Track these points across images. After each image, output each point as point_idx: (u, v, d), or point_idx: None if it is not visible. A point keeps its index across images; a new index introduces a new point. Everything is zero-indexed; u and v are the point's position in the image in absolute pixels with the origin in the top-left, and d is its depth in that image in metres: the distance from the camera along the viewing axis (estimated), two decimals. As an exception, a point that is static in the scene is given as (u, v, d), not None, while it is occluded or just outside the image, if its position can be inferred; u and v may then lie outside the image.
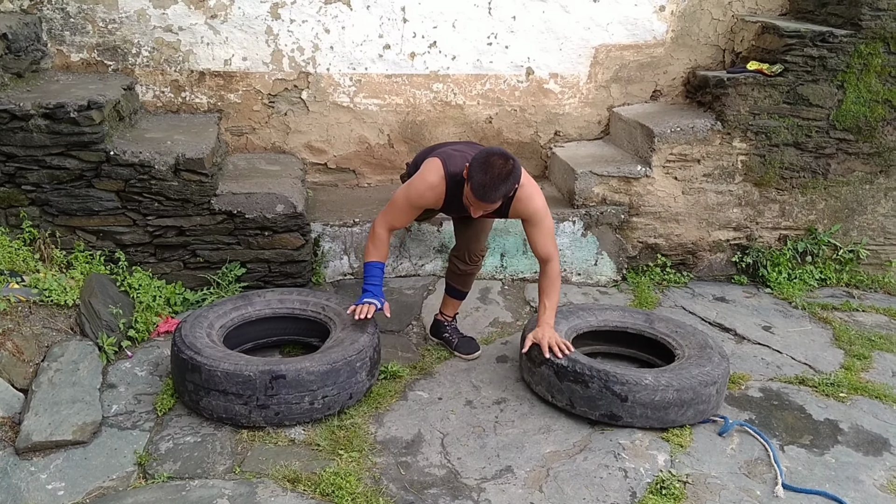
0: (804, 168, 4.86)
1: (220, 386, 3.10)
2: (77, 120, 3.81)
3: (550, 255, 3.50)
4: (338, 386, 3.22)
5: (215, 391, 3.11)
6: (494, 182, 3.16)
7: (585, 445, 3.18)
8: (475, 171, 3.19)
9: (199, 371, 3.11)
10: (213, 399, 3.13)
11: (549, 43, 5.08)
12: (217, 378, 3.09)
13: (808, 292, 4.90)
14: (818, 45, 4.64)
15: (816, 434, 3.39)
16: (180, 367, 3.21)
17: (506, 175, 3.17)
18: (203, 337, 3.33)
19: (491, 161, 3.18)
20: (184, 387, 3.22)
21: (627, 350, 3.92)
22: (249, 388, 3.09)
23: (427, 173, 3.44)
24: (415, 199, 3.47)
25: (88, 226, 4.03)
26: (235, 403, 3.12)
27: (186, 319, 3.47)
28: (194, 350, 3.19)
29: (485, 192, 3.17)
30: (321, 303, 3.78)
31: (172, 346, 3.29)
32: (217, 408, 3.14)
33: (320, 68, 4.89)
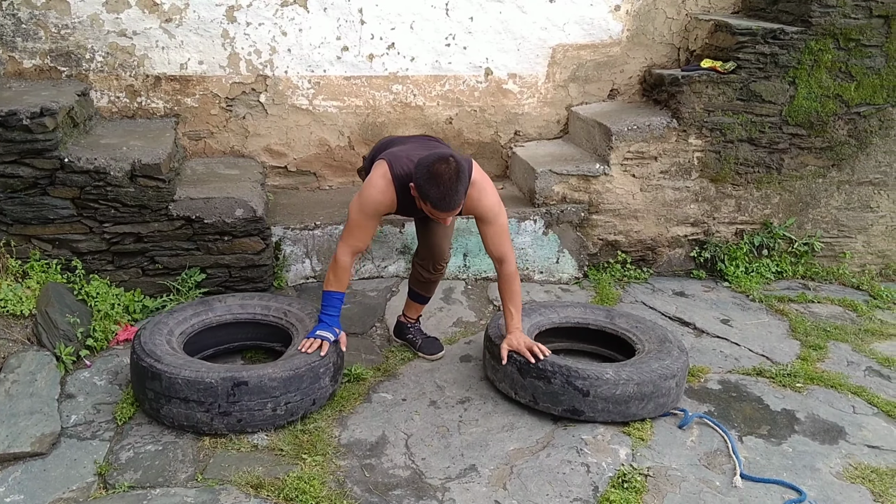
0: (759, 163, 4.95)
1: (181, 394, 3.06)
2: (30, 127, 3.75)
3: (504, 255, 3.42)
4: (301, 392, 3.20)
5: (176, 399, 3.08)
6: (450, 189, 3.06)
7: (548, 442, 3.21)
8: (426, 188, 3.08)
9: (160, 379, 3.07)
10: (174, 407, 3.10)
11: (507, 43, 5.11)
12: (178, 386, 3.05)
13: (765, 285, 5.00)
14: (770, 42, 4.73)
15: (774, 424, 3.45)
16: (140, 375, 3.17)
17: (456, 176, 3.07)
18: (163, 344, 3.29)
19: (436, 170, 3.06)
20: (144, 395, 3.18)
21: (589, 346, 3.97)
22: (211, 395, 3.06)
23: (375, 179, 3.32)
24: (370, 208, 3.32)
25: (44, 234, 3.97)
26: (197, 411, 3.09)
27: (146, 326, 3.42)
28: (154, 357, 3.15)
29: (446, 202, 3.08)
30: (283, 308, 3.76)
31: (132, 354, 3.24)
32: (178, 416, 3.11)
33: (278, 71, 4.87)
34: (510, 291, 3.46)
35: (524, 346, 3.35)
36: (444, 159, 3.09)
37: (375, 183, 3.31)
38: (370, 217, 3.35)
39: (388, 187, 3.29)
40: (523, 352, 3.34)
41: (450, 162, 3.08)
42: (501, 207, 3.42)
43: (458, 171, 3.09)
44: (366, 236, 3.41)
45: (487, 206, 3.35)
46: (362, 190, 3.35)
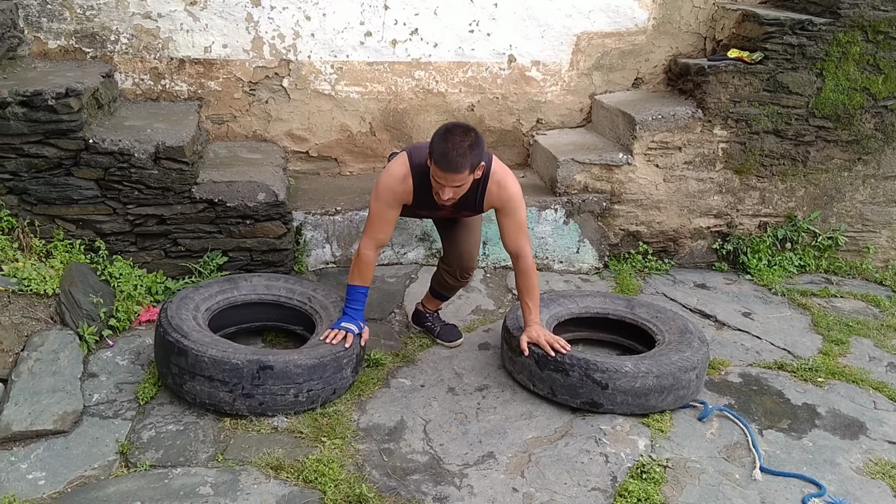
0: (784, 155, 4.90)
1: (206, 372, 3.08)
2: (55, 108, 3.77)
3: (521, 249, 3.40)
4: (323, 381, 3.21)
5: (201, 377, 3.09)
6: (457, 148, 2.98)
7: (567, 431, 3.21)
8: (435, 142, 3.04)
9: (186, 355, 3.09)
10: (197, 384, 3.11)
11: (531, 30, 5.08)
12: (204, 364, 3.07)
13: (788, 279, 4.96)
14: (797, 34, 4.68)
15: (794, 418, 3.43)
16: (165, 350, 3.18)
17: (467, 140, 3.00)
18: (189, 319, 3.31)
19: (451, 129, 3.04)
20: (168, 369, 3.20)
21: (609, 336, 3.95)
22: (236, 376, 3.07)
23: (392, 166, 3.34)
24: (387, 196, 3.30)
25: (68, 215, 4.00)
26: (220, 390, 3.10)
27: (172, 300, 3.44)
28: (181, 333, 3.17)
29: (448, 160, 2.99)
30: (307, 293, 3.77)
31: (157, 327, 3.26)
32: (201, 393, 3.13)
33: (301, 55, 4.86)
34: (527, 286, 3.44)
35: (543, 339, 3.34)
36: (466, 128, 3.06)
37: (392, 170, 3.32)
38: (388, 206, 3.33)
39: (406, 175, 3.28)
40: (542, 345, 3.33)
41: (469, 132, 3.05)
42: (521, 201, 3.39)
43: (474, 139, 3.03)
44: (386, 227, 3.39)
45: (508, 195, 3.33)
46: (379, 178, 3.36)
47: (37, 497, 2.69)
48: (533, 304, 3.44)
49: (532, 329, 3.40)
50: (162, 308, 3.36)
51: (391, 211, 3.36)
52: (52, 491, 2.72)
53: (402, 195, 3.33)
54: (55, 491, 2.72)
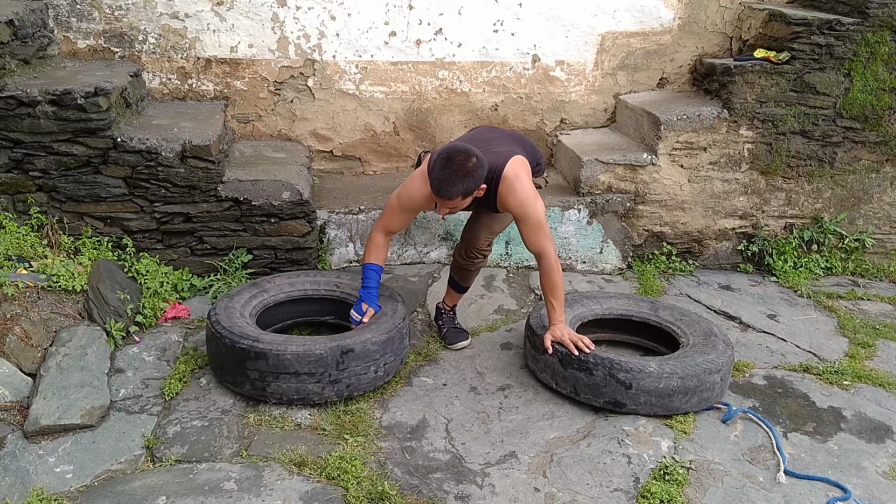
0: (811, 156, 4.86)
1: (290, 368, 3.14)
2: (84, 106, 3.82)
3: (541, 249, 3.39)
4: (394, 353, 3.38)
5: (286, 374, 3.15)
6: (449, 177, 3.12)
7: (589, 432, 3.20)
8: (434, 167, 3.17)
9: (265, 357, 3.13)
10: (283, 383, 3.17)
11: (556, 30, 5.07)
12: (287, 361, 3.13)
13: (814, 281, 4.91)
14: (825, 33, 4.63)
15: (820, 421, 3.40)
16: (238, 358, 3.18)
17: (464, 172, 3.11)
18: (246, 325, 3.34)
19: (447, 155, 3.14)
20: (243, 377, 3.21)
21: (632, 338, 3.94)
22: (322, 365, 3.16)
23: (416, 174, 3.45)
24: (405, 202, 3.47)
25: (96, 212, 4.05)
26: (308, 383, 3.18)
27: (217, 313, 3.39)
28: (252, 339, 3.19)
29: (438, 186, 3.15)
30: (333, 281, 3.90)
31: (219, 340, 3.24)
32: (288, 391, 3.19)
33: (326, 55, 4.89)
34: (550, 284, 3.43)
35: (567, 338, 3.34)
36: (465, 151, 3.14)
37: (415, 180, 3.44)
38: (404, 210, 3.50)
39: (425, 184, 3.33)
40: (566, 343, 3.32)
41: (468, 156, 3.12)
42: (534, 203, 3.35)
43: (472, 169, 3.12)
44: (398, 222, 3.57)
45: (515, 202, 3.34)
46: (405, 182, 3.49)
47: (64, 490, 2.73)
48: (557, 302, 3.43)
49: (556, 328, 3.40)
50: (212, 321, 3.33)
51: (405, 212, 3.52)
52: (79, 484, 2.76)
53: (420, 204, 3.46)
54: (82, 484, 2.76)
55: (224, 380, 3.35)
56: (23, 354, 3.26)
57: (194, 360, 3.53)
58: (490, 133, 3.74)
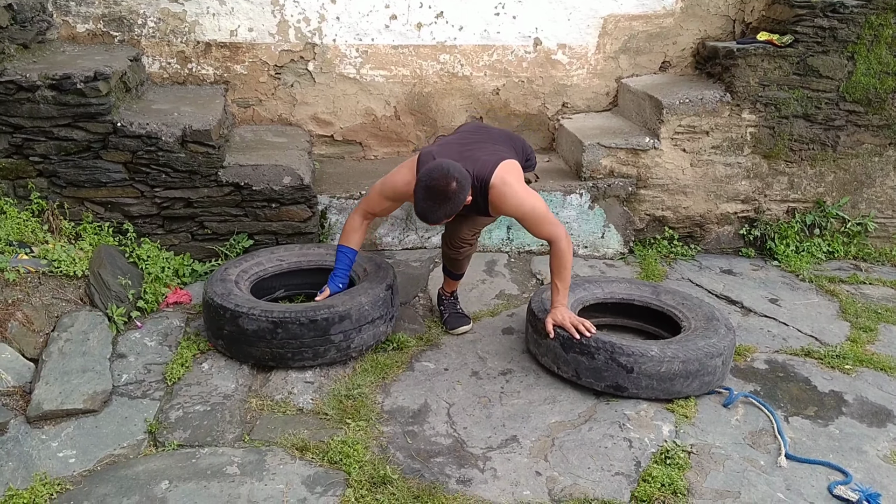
0: (813, 140, 4.83)
1: (369, 317, 3.43)
2: (84, 91, 3.81)
3: (549, 235, 3.36)
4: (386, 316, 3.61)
5: (366, 324, 3.44)
6: (431, 207, 3.14)
7: (591, 416, 3.20)
8: (416, 195, 3.16)
9: (349, 316, 3.36)
10: (364, 333, 3.45)
11: (558, 13, 5.04)
12: (366, 312, 3.42)
13: (816, 265, 4.90)
14: (829, 16, 4.60)
15: (821, 405, 3.40)
16: (322, 329, 3.33)
17: (445, 198, 3.11)
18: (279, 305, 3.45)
19: (430, 185, 3.11)
20: (329, 344, 3.37)
21: (634, 322, 3.93)
22: (386, 306, 3.53)
23: (403, 167, 3.47)
24: (387, 191, 3.49)
25: (96, 197, 4.05)
26: (380, 325, 3.53)
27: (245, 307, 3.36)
28: (328, 307, 3.36)
29: (424, 215, 3.19)
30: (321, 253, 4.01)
31: (290, 325, 3.30)
32: (368, 339, 3.49)
33: (326, 39, 4.87)
34: (556, 267, 3.42)
35: (568, 321, 3.34)
36: (444, 175, 3.11)
37: (401, 171, 3.47)
38: (385, 198, 3.53)
39: (411, 181, 3.33)
40: (567, 327, 3.32)
41: (448, 180, 3.10)
42: (529, 200, 3.33)
43: (452, 193, 3.11)
44: (378, 207, 3.59)
45: (510, 208, 3.35)
46: (392, 173, 3.53)
47: (67, 475, 2.74)
48: (562, 285, 3.42)
49: (557, 311, 3.39)
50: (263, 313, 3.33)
51: (386, 201, 3.56)
52: (82, 469, 2.77)
53: (402, 196, 3.48)
54: (85, 469, 2.77)
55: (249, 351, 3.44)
56: (25, 340, 3.26)
57: (196, 345, 3.53)
58: (476, 134, 3.67)
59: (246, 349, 3.39)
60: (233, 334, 3.37)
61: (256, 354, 3.39)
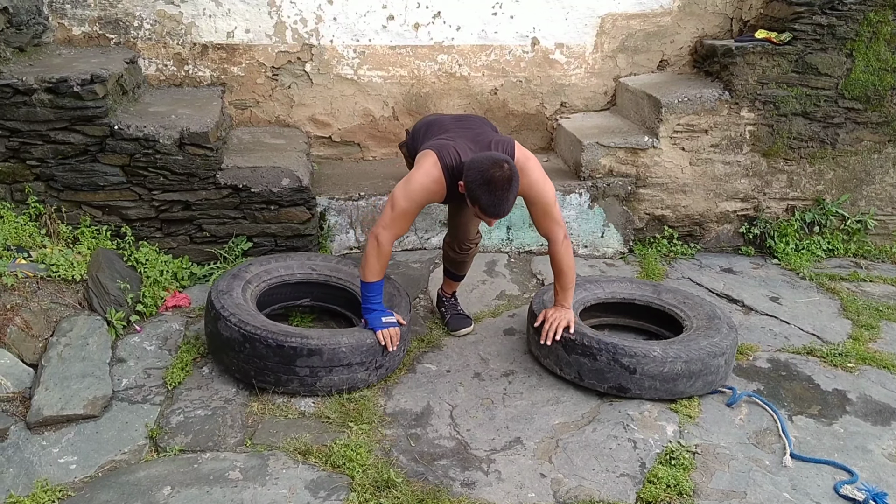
0: (812, 138, 4.83)
1: (344, 360, 3.19)
2: (80, 94, 3.79)
3: (550, 232, 3.36)
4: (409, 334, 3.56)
5: (339, 366, 3.19)
6: (503, 196, 3.02)
7: (594, 417, 3.19)
8: (480, 193, 3.03)
9: (320, 353, 3.14)
10: (335, 375, 3.20)
11: (555, 12, 5.02)
12: (342, 354, 3.17)
13: (816, 263, 4.89)
14: (827, 13, 4.59)
15: (825, 404, 3.39)
16: (287, 358, 3.13)
17: (508, 182, 3.01)
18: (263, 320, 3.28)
19: (490, 176, 2.99)
20: (292, 375, 3.17)
21: (635, 322, 3.92)
22: (371, 353, 3.25)
23: (427, 168, 3.23)
24: (420, 198, 3.25)
25: (94, 201, 4.02)
26: (359, 372, 3.25)
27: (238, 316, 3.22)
28: (302, 336, 3.17)
29: (498, 209, 3.06)
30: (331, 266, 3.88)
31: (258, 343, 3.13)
32: (340, 382, 3.23)
33: (324, 40, 4.84)
34: (556, 269, 3.41)
35: (549, 320, 3.35)
36: (498, 164, 3.02)
37: (428, 172, 3.23)
38: (418, 205, 3.29)
39: (440, 177, 3.23)
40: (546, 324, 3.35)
41: (504, 168, 3.02)
42: (545, 185, 3.31)
43: (512, 177, 3.03)
44: (408, 226, 3.39)
45: (527, 184, 3.25)
46: (412, 178, 3.25)
47: (69, 481, 2.71)
48: (561, 286, 3.41)
49: (555, 309, 3.42)
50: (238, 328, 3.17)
51: (417, 210, 3.34)
52: (83, 475, 2.75)
53: (435, 196, 3.31)
54: (87, 475, 2.75)
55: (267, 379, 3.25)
56: (24, 345, 3.24)
57: (196, 349, 3.51)
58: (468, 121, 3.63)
59: (219, 354, 3.35)
60: (212, 335, 3.34)
61: (226, 362, 3.32)
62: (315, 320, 3.89)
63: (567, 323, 3.35)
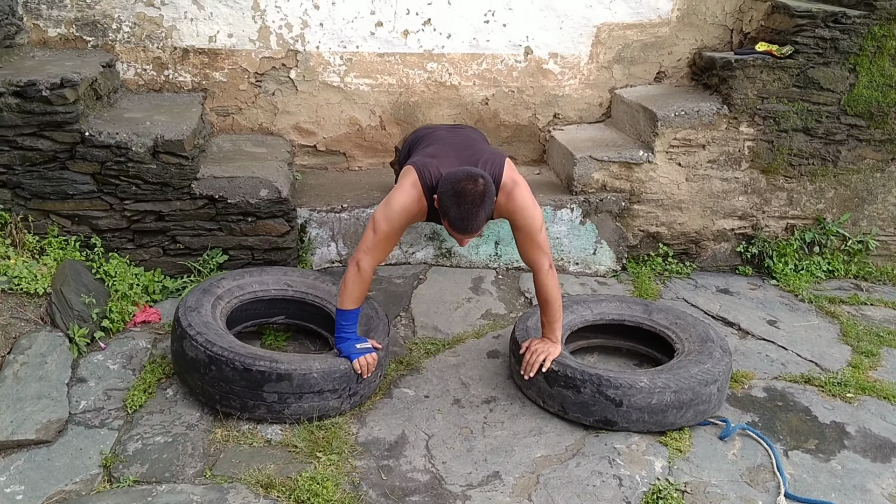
0: (813, 155, 4.66)
1: (316, 387, 3.01)
2: (49, 98, 3.63)
3: (535, 262, 3.20)
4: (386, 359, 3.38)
5: (310, 393, 3.01)
6: (471, 211, 2.88)
7: (578, 450, 3.01)
8: (448, 206, 2.90)
9: (290, 378, 2.96)
10: (305, 402, 3.02)
11: (549, 21, 4.86)
12: (313, 380, 2.99)
13: (815, 284, 4.72)
14: (830, 27, 4.43)
15: (822, 438, 3.21)
16: (254, 382, 2.96)
17: (480, 198, 2.87)
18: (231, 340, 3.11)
19: (461, 189, 2.87)
20: (259, 401, 2.99)
21: (626, 343, 3.76)
22: (345, 380, 3.07)
23: (405, 187, 3.10)
24: (400, 219, 3.10)
25: (63, 210, 3.86)
26: (331, 399, 3.07)
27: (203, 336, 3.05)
28: (269, 360, 2.98)
29: (465, 224, 2.91)
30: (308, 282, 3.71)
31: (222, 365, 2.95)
32: (310, 409, 3.05)
33: (309, 46, 4.68)
34: (542, 300, 3.25)
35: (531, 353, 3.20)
36: (472, 178, 2.89)
37: (406, 191, 3.09)
38: (399, 227, 3.14)
39: (419, 197, 3.09)
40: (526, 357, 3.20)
41: (478, 182, 2.88)
42: (533, 211, 3.15)
43: (484, 193, 2.88)
44: (390, 250, 3.23)
45: (513, 209, 3.12)
46: (391, 199, 3.11)
47: (13, 513, 2.54)
48: (547, 319, 3.24)
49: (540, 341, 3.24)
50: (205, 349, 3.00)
51: (400, 232, 3.18)
52: (29, 507, 2.57)
53: (417, 216, 3.16)
54: (33, 507, 2.58)
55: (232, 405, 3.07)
56: (-23, 363, 3.07)
57: (161, 369, 3.33)
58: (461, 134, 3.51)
59: (184, 375, 3.17)
60: (177, 354, 3.17)
61: (191, 384, 3.14)
62: (290, 339, 3.71)
63: (550, 359, 3.17)
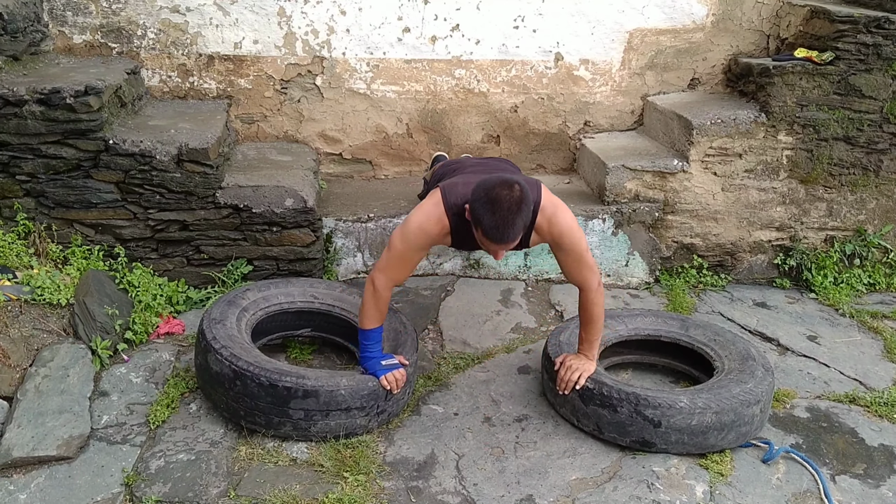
0: (854, 164, 4.51)
1: (343, 404, 2.93)
2: (73, 106, 3.57)
3: (584, 281, 3.04)
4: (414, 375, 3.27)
5: (337, 411, 2.93)
6: (507, 218, 2.68)
7: (615, 472, 2.89)
8: (481, 212, 2.70)
9: (317, 395, 2.87)
10: (332, 420, 2.94)
11: (580, 27, 4.75)
12: (340, 397, 2.91)
13: (856, 298, 4.56)
14: (872, 32, 4.28)
15: (870, 462, 3.07)
16: (280, 399, 2.88)
17: (517, 206, 2.68)
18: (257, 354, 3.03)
19: (496, 195, 2.67)
20: (285, 417, 2.91)
21: (662, 360, 3.63)
22: (373, 398, 2.99)
23: (425, 206, 2.96)
24: (417, 239, 2.95)
25: (86, 219, 3.80)
26: (358, 417, 2.99)
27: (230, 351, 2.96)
28: (298, 376, 2.89)
29: (501, 233, 2.70)
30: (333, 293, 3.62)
31: (246, 380, 2.88)
32: (337, 427, 2.97)
33: (336, 53, 4.60)
34: (585, 318, 3.12)
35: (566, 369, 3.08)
36: (507, 184, 2.71)
37: (426, 210, 2.95)
38: (416, 249, 3.00)
39: (440, 217, 2.92)
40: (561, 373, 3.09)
41: (514, 188, 2.69)
42: (578, 233, 2.99)
43: (522, 200, 2.70)
44: (407, 271, 3.08)
45: (558, 233, 2.96)
46: (410, 219, 2.98)
47: (32, 534, 2.47)
48: (587, 336, 3.13)
49: (576, 357, 3.12)
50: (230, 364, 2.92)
51: (418, 254, 3.04)
52: (49, 527, 2.50)
53: (437, 238, 3.00)
54: (52, 527, 2.50)
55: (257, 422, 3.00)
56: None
57: (185, 383, 3.25)
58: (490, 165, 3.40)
59: (208, 389, 3.09)
60: (201, 368, 3.08)
61: (215, 400, 3.05)
62: (315, 352, 3.63)
63: (585, 375, 3.05)
